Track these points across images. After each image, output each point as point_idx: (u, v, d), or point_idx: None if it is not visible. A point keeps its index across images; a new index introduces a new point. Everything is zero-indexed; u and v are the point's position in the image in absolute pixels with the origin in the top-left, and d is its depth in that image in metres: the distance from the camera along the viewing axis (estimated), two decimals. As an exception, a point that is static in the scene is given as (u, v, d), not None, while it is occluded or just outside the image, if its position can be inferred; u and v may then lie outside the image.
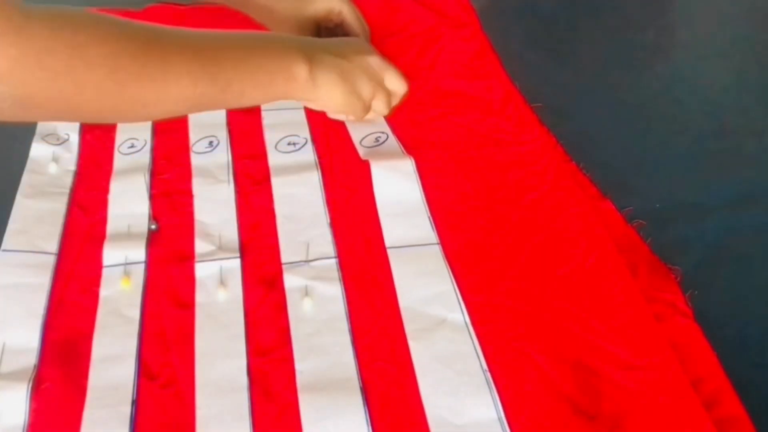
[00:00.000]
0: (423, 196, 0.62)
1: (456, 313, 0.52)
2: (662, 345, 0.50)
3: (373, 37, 0.83)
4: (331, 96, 0.62)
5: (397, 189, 0.62)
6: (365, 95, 0.64)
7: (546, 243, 0.58)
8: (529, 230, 0.59)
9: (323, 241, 0.58)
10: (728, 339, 0.51)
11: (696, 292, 0.54)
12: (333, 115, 0.68)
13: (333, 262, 0.56)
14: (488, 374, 0.48)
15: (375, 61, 0.65)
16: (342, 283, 0.55)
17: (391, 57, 0.79)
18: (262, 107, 0.72)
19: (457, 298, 0.53)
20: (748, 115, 0.75)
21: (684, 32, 0.92)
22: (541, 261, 0.56)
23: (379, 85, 0.65)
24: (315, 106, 0.66)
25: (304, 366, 0.49)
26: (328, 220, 0.60)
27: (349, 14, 0.76)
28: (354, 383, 0.48)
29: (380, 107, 0.66)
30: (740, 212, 0.63)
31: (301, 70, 0.59)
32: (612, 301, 0.53)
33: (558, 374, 0.49)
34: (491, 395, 0.47)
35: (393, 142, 0.68)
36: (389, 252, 0.57)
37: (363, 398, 0.47)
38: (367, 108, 0.65)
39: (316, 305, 0.53)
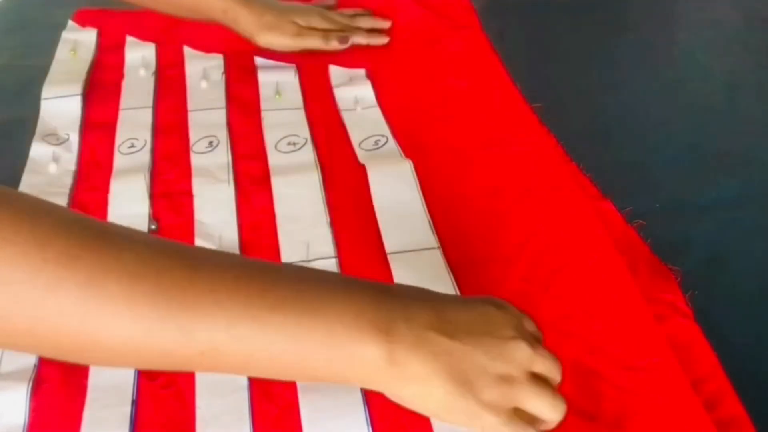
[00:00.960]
0: (422, 199, 0.62)
1: None
2: (662, 345, 0.50)
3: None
4: (426, 396, 0.39)
5: (396, 193, 0.62)
6: (487, 401, 0.39)
7: (546, 243, 0.58)
8: (529, 230, 0.59)
9: (323, 241, 0.58)
10: (728, 339, 0.51)
11: (696, 292, 0.54)
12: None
13: (333, 262, 0.56)
14: None
15: (520, 350, 0.40)
16: (342, 283, 0.55)
17: (391, 58, 0.80)
18: (262, 107, 0.73)
19: None
20: (748, 115, 0.75)
21: (684, 32, 0.92)
22: (541, 261, 0.56)
23: (524, 386, 0.40)
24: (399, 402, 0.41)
25: (304, 366, 0.49)
26: (328, 220, 0.60)
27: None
28: (354, 383, 0.48)
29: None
30: (740, 212, 0.63)
31: (370, 354, 0.37)
32: (612, 301, 0.53)
33: (558, 374, 0.49)
34: None
35: (392, 145, 0.68)
36: (390, 258, 0.57)
37: (363, 398, 0.47)
38: (495, 421, 0.39)
39: (316, 305, 0.53)
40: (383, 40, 0.81)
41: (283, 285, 0.37)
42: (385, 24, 0.83)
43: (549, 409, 0.40)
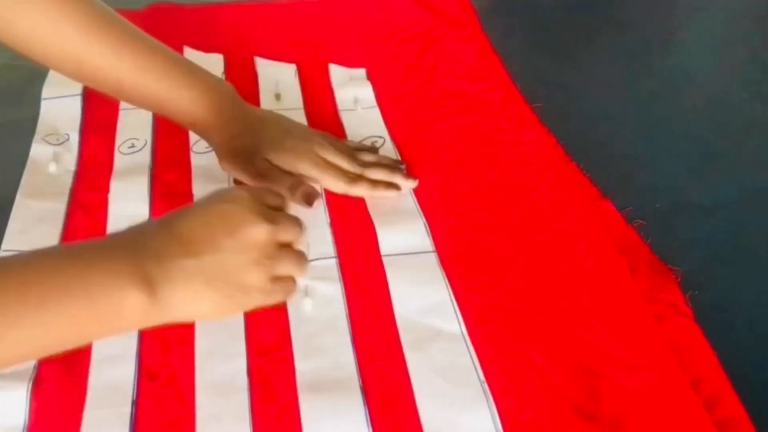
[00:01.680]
0: (415, 201, 0.61)
1: (452, 323, 0.52)
2: (662, 345, 0.50)
3: (373, 37, 0.83)
4: (201, 313, 0.45)
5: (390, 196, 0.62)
6: (253, 286, 0.45)
7: (546, 243, 0.58)
8: (529, 231, 0.59)
9: (323, 241, 0.58)
10: (728, 339, 0.51)
11: (696, 292, 0.54)
12: None
13: (333, 262, 0.56)
14: (485, 385, 0.48)
15: (259, 234, 0.44)
16: (342, 282, 0.55)
17: (391, 58, 0.80)
18: (262, 107, 0.73)
19: (454, 309, 0.53)
20: (749, 114, 0.75)
21: (684, 32, 0.92)
22: (541, 261, 0.56)
23: (275, 259, 0.45)
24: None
25: (304, 366, 0.49)
26: (328, 220, 0.60)
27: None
28: (354, 383, 0.48)
29: (279, 297, 0.47)
30: (741, 212, 0.63)
31: (136, 302, 0.41)
32: (612, 301, 0.53)
33: (558, 375, 0.49)
34: (489, 407, 0.47)
35: (389, 146, 0.68)
36: (384, 260, 0.56)
37: (363, 398, 0.47)
38: (263, 298, 0.46)
39: (317, 305, 0.53)
40: (390, 193, 0.62)
41: (34, 277, 0.39)
42: (400, 167, 0.64)
43: (295, 269, 0.47)
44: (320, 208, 0.61)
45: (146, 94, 0.58)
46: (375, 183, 0.62)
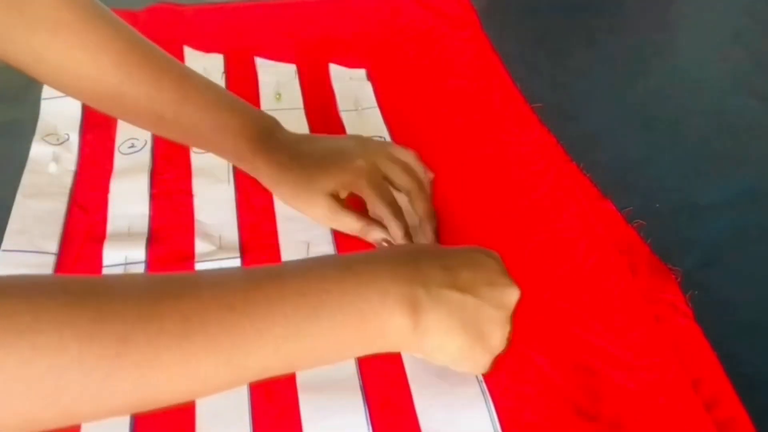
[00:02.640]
0: None
1: None
2: (662, 345, 0.50)
3: (373, 38, 0.83)
4: (444, 350, 0.42)
5: None
6: (493, 345, 0.43)
7: (546, 243, 0.58)
8: (529, 230, 0.59)
9: (323, 241, 0.58)
10: (728, 339, 0.51)
11: (696, 292, 0.54)
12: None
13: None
14: (484, 385, 0.48)
15: (513, 296, 0.43)
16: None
17: (391, 58, 0.79)
18: (262, 107, 0.72)
19: None
20: (748, 115, 0.75)
21: (684, 32, 0.92)
22: (541, 261, 0.56)
23: (507, 330, 0.44)
24: (416, 354, 0.46)
25: (304, 366, 0.49)
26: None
27: (375, 172, 0.56)
28: (354, 382, 0.48)
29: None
30: (740, 212, 0.63)
31: (400, 325, 0.40)
32: (612, 301, 0.53)
33: (558, 375, 0.49)
34: (486, 407, 0.47)
35: None
36: None
37: (363, 398, 0.47)
38: (490, 359, 0.44)
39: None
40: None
41: (311, 288, 0.38)
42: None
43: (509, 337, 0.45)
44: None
45: (188, 125, 0.55)
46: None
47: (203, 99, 0.55)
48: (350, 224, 0.56)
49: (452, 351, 0.42)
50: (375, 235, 0.55)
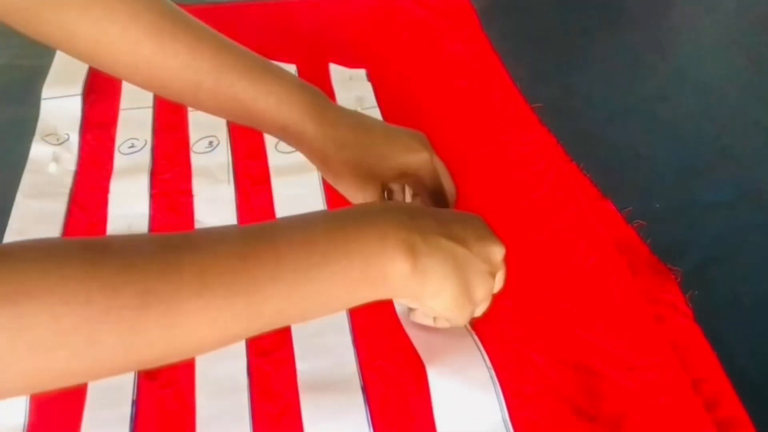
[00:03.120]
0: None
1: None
2: (662, 345, 0.50)
3: (373, 38, 0.83)
4: (439, 296, 0.43)
5: None
6: (478, 298, 0.45)
7: (546, 243, 0.58)
8: (529, 230, 0.59)
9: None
10: (728, 339, 0.51)
11: (696, 292, 0.54)
12: (422, 317, 0.50)
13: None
14: (493, 372, 0.48)
15: (498, 253, 0.45)
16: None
17: (391, 58, 0.79)
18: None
19: None
20: (748, 114, 0.75)
21: (684, 32, 0.92)
22: (541, 261, 0.56)
23: (492, 285, 0.45)
24: (410, 304, 0.48)
25: (304, 366, 0.49)
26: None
27: (435, 170, 0.56)
28: (355, 383, 0.48)
29: (477, 313, 0.47)
30: (740, 212, 0.63)
31: (400, 269, 0.41)
32: (612, 301, 0.53)
33: (558, 375, 0.49)
34: (497, 395, 0.47)
35: None
36: None
37: (364, 398, 0.47)
38: (472, 315, 0.46)
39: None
40: None
41: (317, 236, 0.40)
42: None
43: (499, 286, 0.47)
44: (320, 208, 0.61)
45: (228, 95, 0.52)
46: None
47: (243, 66, 0.53)
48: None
49: (446, 298, 0.43)
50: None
